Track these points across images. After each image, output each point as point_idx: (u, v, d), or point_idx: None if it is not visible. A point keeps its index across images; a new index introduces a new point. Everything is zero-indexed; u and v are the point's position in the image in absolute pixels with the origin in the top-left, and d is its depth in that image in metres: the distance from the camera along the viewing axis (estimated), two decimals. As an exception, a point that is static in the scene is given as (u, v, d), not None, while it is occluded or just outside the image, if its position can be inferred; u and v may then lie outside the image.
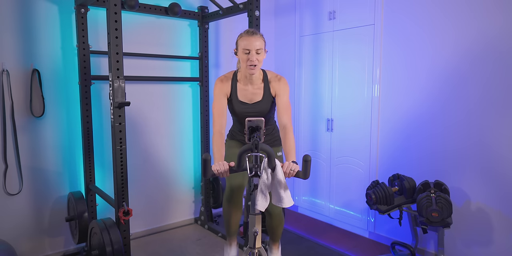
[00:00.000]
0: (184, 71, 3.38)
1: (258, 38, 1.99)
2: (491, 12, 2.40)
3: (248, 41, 1.97)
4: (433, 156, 2.76)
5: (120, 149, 2.23)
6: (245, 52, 1.98)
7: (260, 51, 1.99)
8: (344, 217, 3.44)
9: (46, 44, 2.65)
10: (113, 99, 2.15)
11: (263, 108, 2.14)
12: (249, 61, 1.98)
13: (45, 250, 2.78)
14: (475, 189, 2.55)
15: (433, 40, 2.71)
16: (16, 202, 2.62)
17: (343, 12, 3.29)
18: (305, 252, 2.96)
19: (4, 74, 2.50)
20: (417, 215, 2.46)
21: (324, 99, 3.53)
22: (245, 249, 1.74)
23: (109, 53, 2.14)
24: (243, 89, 2.13)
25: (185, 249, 3.01)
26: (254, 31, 2.02)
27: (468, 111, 2.55)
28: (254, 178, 1.72)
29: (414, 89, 2.85)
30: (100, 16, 2.86)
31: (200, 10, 3.30)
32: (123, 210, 2.26)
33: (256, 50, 1.97)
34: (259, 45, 1.98)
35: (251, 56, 1.97)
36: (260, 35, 2.02)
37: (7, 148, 2.56)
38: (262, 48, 2.00)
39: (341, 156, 3.42)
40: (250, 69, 2.00)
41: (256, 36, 1.99)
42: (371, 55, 3.10)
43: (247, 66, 2.00)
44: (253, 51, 1.97)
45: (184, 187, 3.49)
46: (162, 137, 3.30)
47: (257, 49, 1.97)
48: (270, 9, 3.98)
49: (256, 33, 2.01)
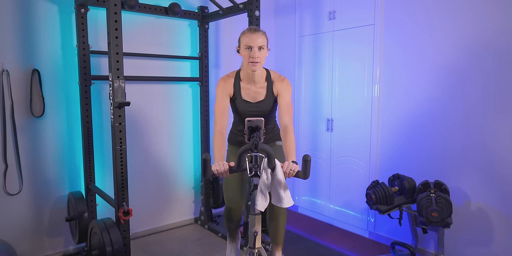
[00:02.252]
0: (184, 71, 3.38)
1: (260, 35, 1.99)
2: (491, 11, 2.40)
3: (250, 37, 1.97)
4: (433, 156, 2.76)
5: (120, 149, 2.23)
6: (247, 48, 1.98)
7: (262, 47, 1.99)
8: (344, 217, 3.44)
9: (46, 44, 2.65)
10: (113, 99, 2.15)
11: (265, 107, 2.15)
12: (251, 58, 1.97)
13: (45, 250, 2.78)
14: (475, 189, 2.55)
15: (433, 39, 2.71)
16: (16, 202, 2.62)
17: (343, 12, 3.29)
18: (305, 252, 2.96)
19: (4, 74, 2.51)
20: (417, 215, 2.46)
21: (324, 99, 3.53)
22: (245, 249, 1.74)
23: (109, 53, 2.14)
24: (246, 88, 2.13)
25: (185, 249, 3.01)
26: (256, 28, 2.02)
27: (468, 111, 2.55)
28: (254, 178, 1.72)
29: (414, 89, 2.85)
30: (100, 16, 2.86)
31: (200, 10, 3.30)
32: (123, 210, 2.26)
33: (258, 47, 1.97)
34: (261, 42, 1.98)
35: (253, 53, 1.96)
36: (262, 32, 2.02)
37: (7, 148, 2.56)
38: (264, 45, 2.00)
39: (341, 156, 3.42)
40: (251, 66, 1.99)
41: (259, 33, 1.99)
42: (371, 55, 3.10)
43: (249, 63, 1.99)
44: (255, 47, 1.97)
45: (184, 187, 3.49)
46: (162, 137, 3.30)
47: (259, 45, 1.97)
48: (270, 9, 3.98)
49: (259, 30, 2.01)
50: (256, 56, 1.97)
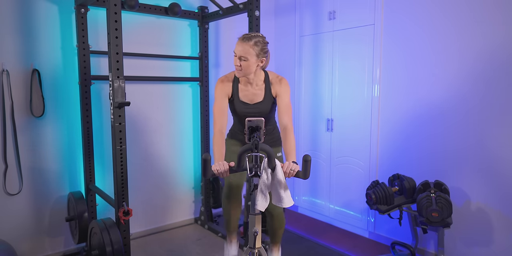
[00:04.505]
0: (184, 71, 3.38)
1: (245, 45, 1.94)
2: (491, 11, 2.41)
3: (237, 45, 1.99)
4: (433, 156, 2.76)
5: (120, 149, 2.23)
6: (234, 54, 2.02)
7: (243, 58, 1.96)
8: (344, 217, 3.44)
9: (46, 44, 2.65)
10: (113, 99, 2.15)
11: (264, 109, 2.15)
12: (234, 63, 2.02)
13: (45, 250, 2.78)
14: (475, 189, 2.55)
15: (433, 40, 2.71)
16: (16, 202, 2.62)
17: (343, 12, 3.29)
18: (305, 252, 2.96)
19: (4, 74, 2.50)
20: (417, 215, 2.46)
21: (324, 99, 3.53)
22: (245, 249, 1.74)
23: (109, 53, 2.14)
24: (244, 90, 2.14)
25: (185, 249, 3.01)
26: (248, 37, 1.96)
27: (468, 111, 2.55)
28: (254, 178, 1.72)
29: (414, 89, 2.85)
30: (100, 16, 2.86)
31: (200, 10, 3.30)
32: (123, 210, 2.26)
33: (239, 56, 1.97)
34: (244, 52, 1.95)
35: (235, 61, 2.01)
36: (253, 42, 1.95)
37: (7, 148, 2.56)
38: (247, 56, 1.95)
39: (341, 156, 3.42)
40: (236, 70, 2.05)
41: (246, 42, 1.94)
42: (371, 55, 3.10)
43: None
44: (237, 56, 1.99)
45: (184, 187, 3.49)
46: (162, 137, 3.30)
47: (240, 55, 1.97)
48: (270, 9, 3.98)
49: (250, 39, 1.95)
50: (237, 64, 2.00)
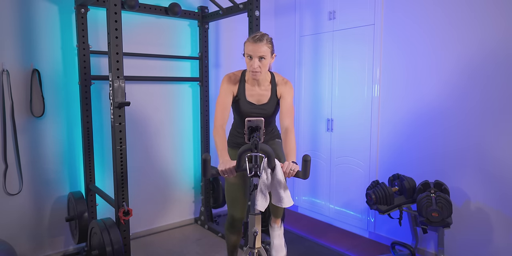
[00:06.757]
0: (184, 71, 3.38)
1: (262, 45, 1.93)
2: (491, 11, 2.40)
3: (253, 47, 1.93)
4: (433, 156, 2.76)
5: (120, 149, 2.23)
6: (248, 57, 1.96)
7: (264, 57, 1.94)
8: (344, 217, 3.44)
9: (46, 44, 2.65)
10: (113, 99, 2.15)
11: (269, 110, 2.14)
12: (251, 67, 1.96)
13: (45, 250, 2.78)
14: (474, 189, 2.55)
15: (433, 40, 2.71)
16: (16, 202, 2.62)
17: (343, 12, 3.29)
18: (305, 252, 2.96)
19: (4, 74, 2.51)
20: (417, 215, 2.46)
21: (324, 99, 3.53)
22: (245, 249, 1.74)
23: (109, 53, 2.14)
24: (251, 90, 2.12)
25: (185, 249, 3.01)
26: (260, 37, 1.94)
27: (468, 111, 2.55)
28: (254, 178, 1.72)
29: (414, 89, 2.85)
30: (100, 16, 2.86)
31: (200, 10, 3.30)
32: (123, 210, 2.26)
33: (259, 57, 1.93)
34: (263, 51, 1.93)
35: (253, 63, 1.94)
36: (266, 41, 1.95)
37: (7, 148, 2.56)
38: (266, 54, 1.94)
39: (341, 156, 3.42)
40: (252, 75, 1.99)
41: (261, 43, 1.93)
42: (371, 55, 3.10)
43: (250, 72, 1.98)
44: (255, 58, 1.93)
45: (184, 187, 3.49)
46: (162, 137, 3.30)
47: (259, 55, 1.93)
48: (270, 9, 3.98)
49: (262, 39, 1.94)
50: (256, 66, 1.94)
